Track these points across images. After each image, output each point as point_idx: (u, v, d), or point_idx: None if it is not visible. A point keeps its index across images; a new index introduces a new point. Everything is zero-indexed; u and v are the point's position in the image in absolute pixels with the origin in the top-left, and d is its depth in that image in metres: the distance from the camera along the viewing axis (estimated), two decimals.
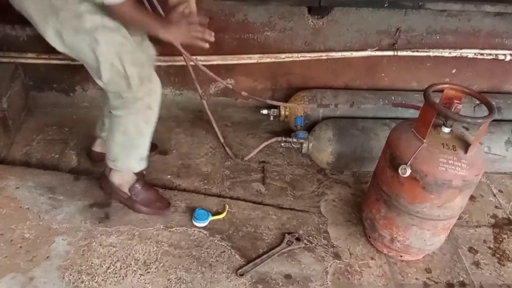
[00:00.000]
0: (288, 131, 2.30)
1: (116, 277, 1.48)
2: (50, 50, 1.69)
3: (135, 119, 1.55)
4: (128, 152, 1.62)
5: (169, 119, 2.33)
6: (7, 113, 2.00)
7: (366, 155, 1.97)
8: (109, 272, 1.50)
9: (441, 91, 1.51)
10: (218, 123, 2.25)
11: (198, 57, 2.19)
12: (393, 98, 2.20)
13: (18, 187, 1.71)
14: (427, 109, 1.45)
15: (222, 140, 2.18)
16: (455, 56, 2.29)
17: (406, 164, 1.45)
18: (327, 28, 2.18)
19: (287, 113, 2.20)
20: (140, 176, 1.74)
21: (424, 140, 1.45)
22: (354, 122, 2.03)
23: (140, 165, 1.66)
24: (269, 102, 2.08)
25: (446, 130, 1.47)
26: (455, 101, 1.44)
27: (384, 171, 1.57)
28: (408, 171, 1.45)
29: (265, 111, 2.22)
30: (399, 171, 1.47)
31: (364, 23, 2.18)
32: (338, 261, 1.66)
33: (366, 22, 2.17)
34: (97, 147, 1.94)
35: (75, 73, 2.26)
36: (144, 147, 1.63)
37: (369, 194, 1.69)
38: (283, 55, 2.24)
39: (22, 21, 2.00)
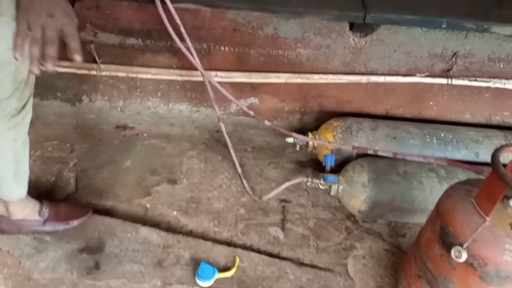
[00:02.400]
0: (315, 162, 2.01)
1: None
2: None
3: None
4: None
5: (183, 139, 2.08)
6: None
7: (406, 206, 1.66)
8: None
9: None
10: (237, 148, 1.98)
11: (219, 73, 1.92)
12: (442, 134, 1.86)
13: None
14: (495, 180, 1.13)
15: (239, 171, 1.90)
16: None
17: (461, 245, 1.15)
18: (370, 48, 1.86)
19: (315, 144, 1.90)
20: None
21: (487, 218, 1.14)
22: (394, 165, 1.71)
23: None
24: (296, 136, 1.79)
25: None
26: None
27: (431, 245, 1.27)
28: (464, 256, 1.15)
29: (290, 140, 1.92)
30: (452, 253, 1.16)
31: (415, 45, 1.84)
32: None
33: (418, 43, 1.83)
34: None
35: (82, 82, 2.02)
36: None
37: (409, 266, 1.39)
38: (316, 76, 1.93)
39: None
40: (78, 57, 0.88)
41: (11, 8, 1.06)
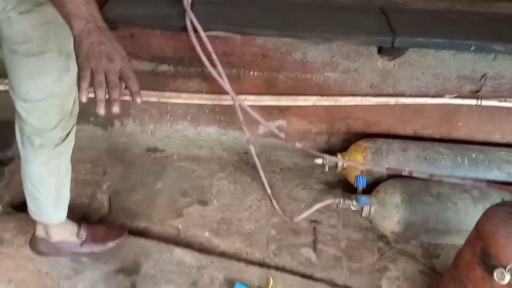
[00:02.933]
0: (344, 183, 2.02)
1: None
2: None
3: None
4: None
5: (212, 161, 2.11)
6: None
7: (441, 227, 1.65)
8: None
9: None
10: (265, 169, 2.00)
11: (248, 97, 1.96)
12: (473, 155, 1.86)
13: None
14: None
15: (269, 192, 1.92)
16: None
17: (504, 267, 1.14)
18: (398, 70, 1.88)
19: (345, 165, 1.91)
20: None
21: None
22: (427, 186, 1.71)
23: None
24: (328, 157, 1.81)
25: None
26: None
27: (471, 267, 1.25)
28: (507, 278, 1.13)
29: (319, 161, 1.94)
30: (495, 275, 1.15)
31: (443, 67, 1.85)
32: None
33: (446, 66, 1.85)
34: None
35: None
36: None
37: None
38: (344, 98, 1.95)
39: None
40: (139, 99, 0.93)
41: (57, 44, 1.12)
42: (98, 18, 0.93)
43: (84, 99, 0.85)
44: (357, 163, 1.82)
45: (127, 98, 2.00)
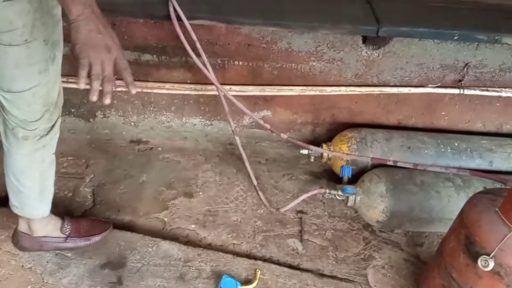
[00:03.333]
0: (329, 173, 2.03)
1: None
2: (69, 72, 1.49)
3: None
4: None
5: (196, 152, 2.09)
6: None
7: (424, 215, 1.67)
8: None
9: None
10: (251, 160, 1.99)
11: (233, 87, 1.94)
12: (456, 144, 1.88)
13: None
14: None
15: (255, 183, 1.92)
16: None
17: (488, 254, 1.16)
18: (383, 60, 1.88)
19: (330, 155, 1.91)
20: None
21: None
22: (411, 175, 1.73)
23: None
24: (313, 148, 1.81)
25: None
26: None
27: (455, 255, 1.28)
28: (491, 265, 1.16)
29: (305, 151, 1.94)
30: (479, 262, 1.17)
31: (426, 56, 1.87)
32: None
33: (430, 55, 1.86)
34: None
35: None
36: None
37: (432, 275, 1.40)
38: (329, 88, 1.95)
39: None
40: (134, 90, 0.95)
41: (42, 32, 1.08)
42: (93, 3, 0.92)
43: (82, 86, 0.87)
44: (342, 153, 1.82)
45: (120, 89, 1.97)
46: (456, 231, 1.29)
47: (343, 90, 1.95)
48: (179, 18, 1.65)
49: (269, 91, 1.96)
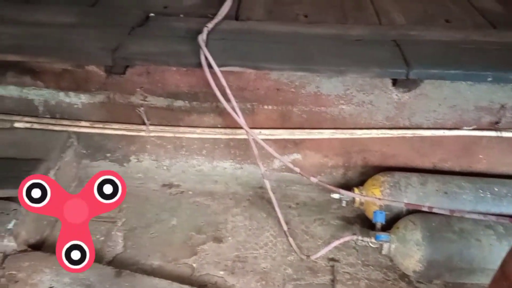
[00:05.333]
0: (362, 218, 1.97)
1: None
2: (105, 118, 1.53)
3: None
4: None
5: (226, 196, 2.09)
6: None
7: (465, 265, 1.58)
8: None
9: None
10: (281, 204, 1.97)
11: (263, 131, 1.95)
12: (496, 189, 1.79)
13: (52, 286, 1.51)
14: None
15: (285, 228, 1.88)
16: None
17: None
18: (414, 102, 1.85)
19: (362, 200, 1.86)
20: None
21: None
22: (448, 222, 1.65)
23: None
24: (344, 192, 1.77)
25: None
26: None
27: None
28: None
29: (336, 196, 1.89)
30: None
31: (460, 98, 1.82)
32: None
33: (463, 97, 1.82)
34: None
35: (130, 143, 2.10)
36: None
37: None
38: (359, 131, 1.93)
39: (77, 88, 1.92)
40: None
41: None
42: None
43: None
44: (374, 197, 1.77)
45: (143, 133, 2.02)
46: (498, 283, 1.20)
47: (374, 133, 1.93)
48: (210, 66, 1.71)
49: (298, 134, 1.96)
